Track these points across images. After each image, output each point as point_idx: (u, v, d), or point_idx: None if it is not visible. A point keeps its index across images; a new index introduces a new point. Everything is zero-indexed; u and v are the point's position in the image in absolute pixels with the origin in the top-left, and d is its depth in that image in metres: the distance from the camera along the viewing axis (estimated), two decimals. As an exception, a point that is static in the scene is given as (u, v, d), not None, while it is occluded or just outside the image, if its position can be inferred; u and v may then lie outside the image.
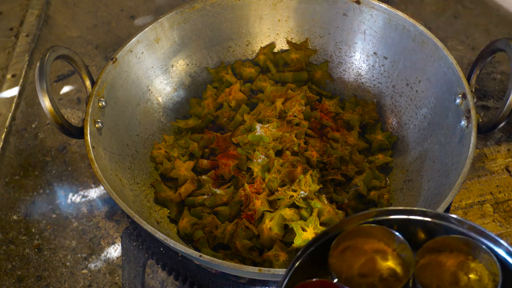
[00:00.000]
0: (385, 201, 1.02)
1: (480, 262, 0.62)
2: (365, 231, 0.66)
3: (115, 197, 0.85)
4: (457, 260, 0.63)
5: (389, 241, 0.65)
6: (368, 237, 0.66)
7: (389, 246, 0.65)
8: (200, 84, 1.20)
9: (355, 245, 0.66)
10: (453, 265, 0.63)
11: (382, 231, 0.65)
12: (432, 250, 0.64)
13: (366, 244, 0.66)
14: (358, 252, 0.65)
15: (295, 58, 1.19)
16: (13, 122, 1.67)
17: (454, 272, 0.62)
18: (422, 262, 0.63)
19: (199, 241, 0.98)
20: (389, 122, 1.14)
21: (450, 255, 0.64)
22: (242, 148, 1.05)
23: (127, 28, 1.94)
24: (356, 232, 0.66)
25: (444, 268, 0.63)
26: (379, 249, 0.65)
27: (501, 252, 0.61)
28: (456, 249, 0.63)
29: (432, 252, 0.64)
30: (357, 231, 0.66)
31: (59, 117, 0.90)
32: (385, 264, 0.64)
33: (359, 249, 0.65)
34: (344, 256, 0.65)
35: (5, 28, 1.96)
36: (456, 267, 0.63)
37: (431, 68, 1.04)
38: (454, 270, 0.62)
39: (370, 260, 0.65)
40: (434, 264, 0.63)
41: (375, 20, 1.11)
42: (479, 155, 1.49)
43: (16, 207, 1.48)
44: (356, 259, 0.65)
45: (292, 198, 0.96)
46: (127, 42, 1.05)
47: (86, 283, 1.34)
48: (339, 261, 0.64)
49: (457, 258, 0.63)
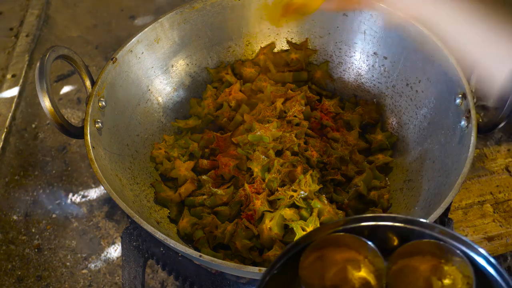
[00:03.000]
0: (385, 201, 1.02)
1: (453, 265, 0.61)
2: (335, 240, 0.63)
3: (115, 197, 0.85)
4: (429, 265, 0.62)
5: (360, 249, 0.63)
6: (338, 246, 0.63)
7: (360, 254, 0.63)
8: (200, 84, 1.20)
9: (325, 255, 0.63)
10: (426, 270, 0.61)
11: (352, 239, 0.63)
12: (404, 255, 0.62)
13: (337, 253, 0.63)
14: (329, 262, 0.63)
15: (295, 58, 1.19)
16: (13, 122, 1.67)
17: (427, 277, 0.61)
18: (395, 268, 0.61)
19: (199, 241, 0.98)
20: (389, 122, 1.14)
21: (422, 259, 0.62)
22: (242, 148, 1.05)
23: (127, 28, 1.94)
24: (326, 241, 0.63)
25: (417, 274, 0.61)
26: (350, 258, 0.63)
27: (473, 254, 0.60)
28: (428, 253, 0.62)
29: (404, 257, 0.62)
30: (327, 240, 0.63)
31: (59, 117, 0.90)
32: (357, 274, 0.62)
33: (330, 259, 0.63)
34: (314, 267, 0.62)
35: (5, 28, 1.96)
36: (429, 272, 0.61)
37: (431, 68, 1.04)
38: (428, 275, 0.61)
39: (341, 270, 0.63)
40: (406, 270, 0.62)
41: (375, 20, 1.11)
42: (479, 155, 1.49)
43: (16, 207, 1.48)
44: (327, 270, 0.62)
45: (292, 198, 0.96)
46: (127, 42, 1.05)
47: (86, 283, 1.34)
48: (310, 273, 0.61)
49: (429, 263, 0.62)
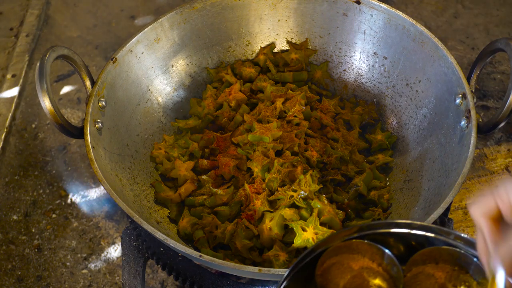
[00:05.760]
0: (385, 201, 1.02)
1: (467, 272, 0.61)
2: (350, 247, 0.63)
3: (115, 197, 0.85)
4: (444, 272, 0.61)
5: (375, 256, 0.63)
6: (353, 253, 0.63)
7: (375, 262, 0.63)
8: (200, 84, 1.20)
9: (341, 262, 0.63)
10: (441, 277, 0.61)
11: (367, 246, 0.62)
12: (418, 262, 0.62)
13: (352, 260, 0.63)
14: (344, 269, 0.63)
15: (295, 58, 1.19)
16: (13, 122, 1.67)
17: (442, 284, 0.61)
18: (409, 275, 0.61)
19: (199, 241, 0.98)
20: (389, 122, 1.14)
21: (436, 266, 0.62)
22: (242, 148, 1.05)
23: (127, 28, 1.94)
24: (341, 248, 0.63)
25: (432, 281, 0.61)
26: (364, 265, 0.63)
27: None
28: (443, 261, 0.62)
29: (419, 264, 0.62)
30: (342, 247, 0.63)
31: (59, 117, 0.90)
32: (373, 281, 0.62)
33: (345, 265, 0.63)
34: (330, 274, 0.62)
35: (5, 28, 1.96)
36: (444, 279, 0.61)
37: (431, 68, 1.04)
38: (443, 282, 0.61)
39: (357, 277, 0.62)
40: (421, 277, 0.61)
41: (375, 20, 1.11)
42: (479, 155, 1.49)
43: (16, 207, 1.48)
44: (343, 276, 0.62)
45: (292, 198, 0.96)
46: (127, 42, 1.05)
47: (86, 283, 1.34)
48: (325, 280, 0.61)
49: (444, 270, 0.61)
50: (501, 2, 1.91)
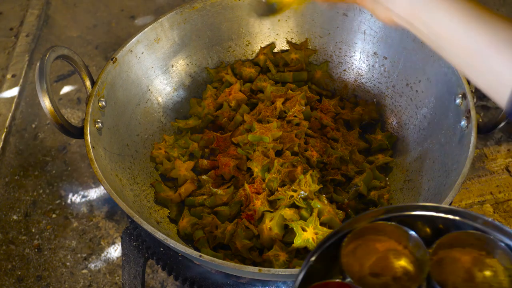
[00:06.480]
0: (385, 201, 1.02)
1: (494, 257, 0.61)
2: (376, 228, 0.64)
3: (115, 197, 0.85)
4: (470, 256, 0.61)
5: (401, 238, 0.63)
6: (379, 234, 0.64)
7: (401, 244, 0.63)
8: (200, 84, 1.20)
9: (366, 244, 0.63)
10: (467, 261, 0.61)
11: (393, 228, 0.63)
12: (445, 246, 0.62)
13: (378, 242, 0.64)
14: (370, 250, 0.63)
15: (295, 58, 1.19)
16: (13, 122, 1.67)
17: (468, 269, 0.61)
18: (435, 259, 0.61)
19: (199, 241, 0.98)
20: (389, 122, 1.14)
21: (463, 251, 0.62)
22: (242, 148, 1.05)
23: (127, 28, 1.94)
24: (367, 230, 0.63)
25: (458, 265, 0.61)
26: (390, 247, 0.63)
27: None
28: (469, 245, 0.62)
29: (445, 248, 0.62)
30: (368, 229, 0.63)
31: (59, 117, 0.90)
32: (398, 263, 0.62)
33: (370, 247, 0.63)
34: (355, 255, 0.63)
35: (5, 28, 1.96)
36: (470, 263, 0.61)
37: (431, 68, 1.04)
38: (468, 267, 0.61)
39: (382, 258, 0.63)
40: (448, 261, 0.62)
41: (375, 20, 1.11)
42: (479, 155, 1.49)
43: (16, 207, 1.48)
44: (368, 258, 0.63)
45: (292, 198, 0.96)
46: (127, 42, 1.05)
47: (86, 283, 1.34)
48: (351, 260, 0.62)
49: (470, 254, 0.62)
50: (501, 2, 1.91)
